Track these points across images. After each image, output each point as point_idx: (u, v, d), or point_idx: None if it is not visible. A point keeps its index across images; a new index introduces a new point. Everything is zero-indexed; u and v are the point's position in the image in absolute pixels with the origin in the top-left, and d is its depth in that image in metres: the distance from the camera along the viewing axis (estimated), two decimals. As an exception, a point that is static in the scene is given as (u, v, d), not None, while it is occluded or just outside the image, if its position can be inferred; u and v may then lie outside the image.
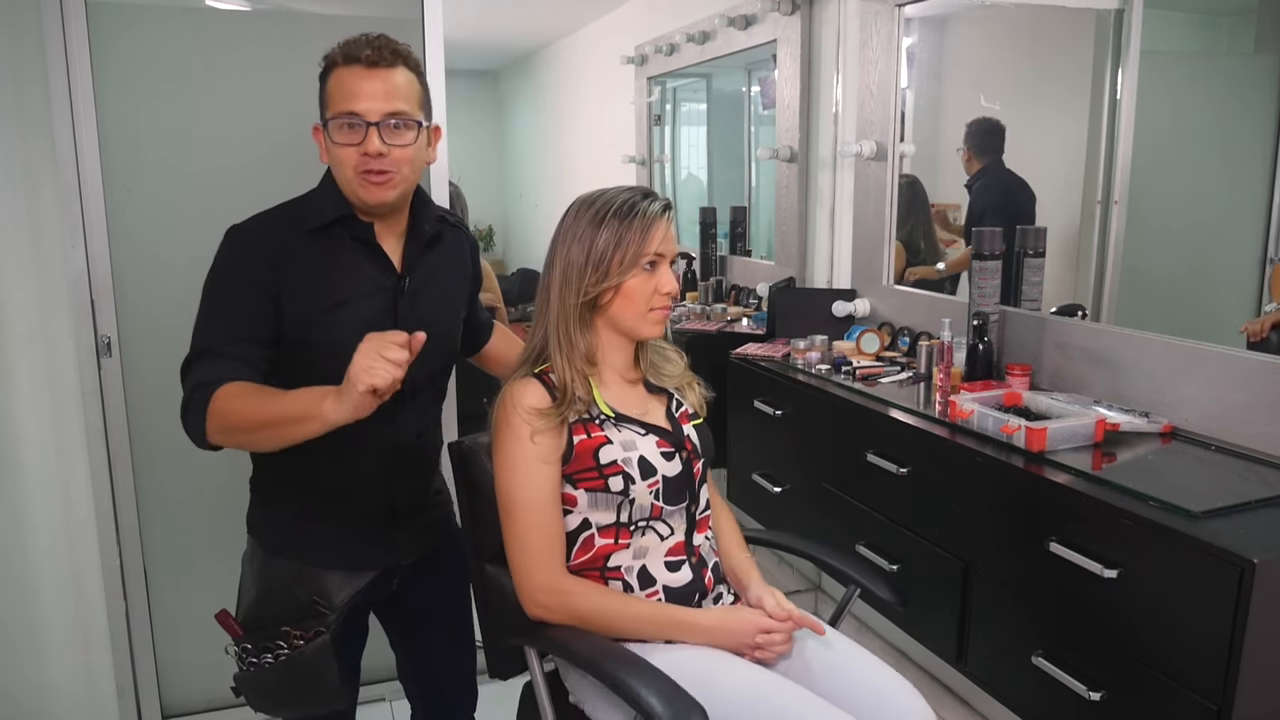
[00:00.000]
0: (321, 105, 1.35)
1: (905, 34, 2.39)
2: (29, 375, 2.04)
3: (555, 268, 1.35)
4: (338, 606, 1.41)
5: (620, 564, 1.36)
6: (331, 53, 1.33)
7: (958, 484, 1.69)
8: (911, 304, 2.40)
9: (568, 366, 1.33)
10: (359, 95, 1.30)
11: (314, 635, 1.39)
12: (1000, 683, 1.66)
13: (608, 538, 1.36)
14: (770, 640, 1.32)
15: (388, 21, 2.07)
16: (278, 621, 1.40)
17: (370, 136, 1.30)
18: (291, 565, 1.42)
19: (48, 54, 1.90)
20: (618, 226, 1.32)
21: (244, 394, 1.25)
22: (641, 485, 1.33)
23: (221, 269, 1.34)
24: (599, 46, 4.71)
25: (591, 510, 1.35)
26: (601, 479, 1.33)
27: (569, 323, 1.34)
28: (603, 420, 1.36)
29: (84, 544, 2.12)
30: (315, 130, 1.37)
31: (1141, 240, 1.94)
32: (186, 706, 2.23)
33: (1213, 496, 1.35)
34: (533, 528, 1.31)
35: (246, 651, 1.41)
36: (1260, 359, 1.56)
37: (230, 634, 1.43)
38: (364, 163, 1.31)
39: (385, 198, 1.34)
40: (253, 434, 1.26)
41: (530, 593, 1.33)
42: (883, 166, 2.46)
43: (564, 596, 1.32)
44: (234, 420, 1.24)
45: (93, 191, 1.97)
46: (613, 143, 4.36)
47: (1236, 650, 1.20)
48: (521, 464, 1.31)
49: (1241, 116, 1.84)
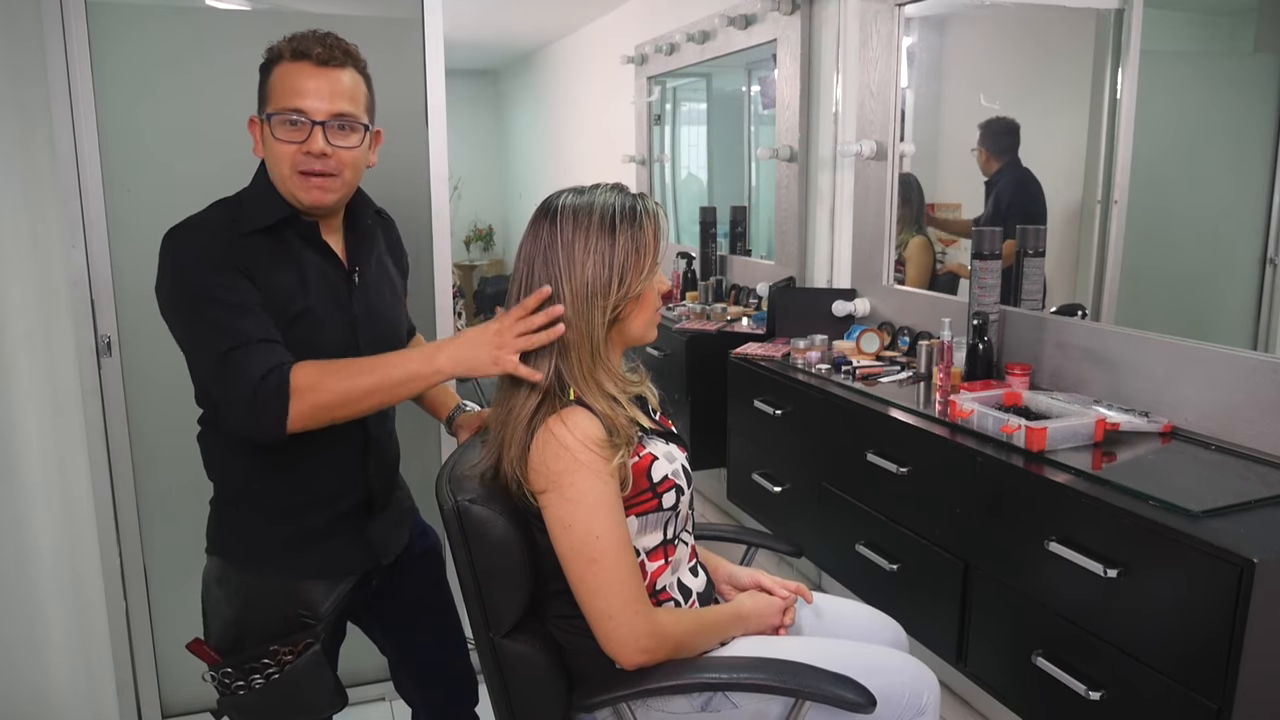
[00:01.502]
0: (262, 99, 1.30)
1: (905, 33, 2.39)
2: (29, 375, 2.04)
3: (565, 288, 1.21)
4: (324, 616, 1.38)
5: (665, 584, 1.30)
6: (278, 46, 1.29)
7: (957, 483, 1.69)
8: (911, 303, 2.40)
9: (599, 387, 1.23)
10: (305, 93, 1.26)
11: (304, 648, 1.35)
12: (1000, 682, 1.66)
13: (656, 560, 1.28)
14: (789, 617, 1.40)
15: (388, 21, 2.07)
16: (261, 640, 1.35)
17: (314, 136, 1.26)
18: (271, 581, 1.37)
19: (48, 54, 1.90)
20: (631, 233, 1.22)
21: (327, 369, 1.23)
22: (687, 496, 1.29)
23: (200, 272, 1.25)
24: (599, 46, 4.71)
25: (640, 536, 1.26)
26: (656, 498, 1.25)
27: (596, 345, 1.22)
28: (640, 436, 1.26)
29: (84, 543, 2.12)
30: (251, 122, 1.33)
31: (1141, 240, 1.94)
32: (187, 706, 2.23)
33: (1212, 496, 1.35)
34: (627, 571, 1.19)
35: (229, 676, 1.35)
36: (1261, 358, 1.56)
37: (206, 661, 1.37)
38: (305, 162, 1.27)
39: (323, 200, 1.31)
40: (358, 402, 1.24)
41: (633, 641, 1.19)
42: (883, 166, 2.46)
43: (663, 631, 1.22)
44: (334, 393, 1.21)
45: (93, 191, 1.97)
46: (613, 142, 4.36)
47: (1236, 650, 1.20)
48: (605, 504, 1.18)
49: (1242, 116, 1.84)
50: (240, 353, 1.21)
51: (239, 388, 1.20)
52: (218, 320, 1.23)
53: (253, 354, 1.22)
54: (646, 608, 1.21)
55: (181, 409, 2.13)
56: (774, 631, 1.38)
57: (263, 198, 1.32)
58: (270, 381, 1.20)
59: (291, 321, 1.30)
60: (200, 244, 1.27)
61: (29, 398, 2.04)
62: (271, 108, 1.28)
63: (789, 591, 1.43)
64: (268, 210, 1.31)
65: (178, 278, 1.27)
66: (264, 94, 1.30)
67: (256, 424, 1.21)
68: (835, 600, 1.53)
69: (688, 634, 1.25)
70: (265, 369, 1.21)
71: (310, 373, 1.22)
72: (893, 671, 1.32)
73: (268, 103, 1.29)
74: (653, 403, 1.39)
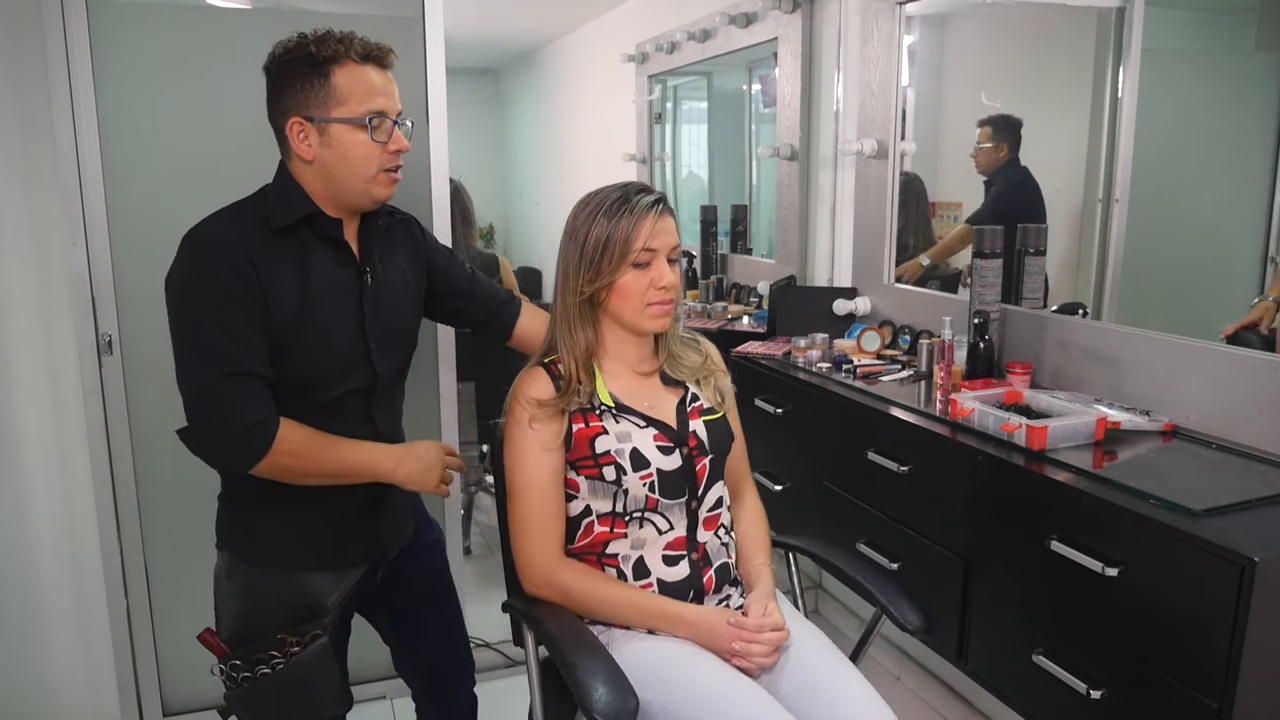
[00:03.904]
0: (315, 101, 1.28)
1: (906, 32, 2.39)
2: (30, 373, 2.04)
3: (558, 266, 1.39)
4: (331, 608, 1.41)
5: (618, 552, 1.39)
6: (331, 47, 1.27)
7: (958, 482, 1.69)
8: (912, 302, 2.40)
9: (571, 359, 1.38)
10: (383, 92, 1.31)
11: (311, 639, 1.37)
12: (1001, 681, 1.66)
13: (605, 525, 1.39)
14: (746, 650, 1.30)
15: (389, 20, 2.07)
16: (270, 632, 1.37)
17: (398, 134, 1.33)
18: (278, 573, 1.39)
19: (49, 52, 1.90)
20: (606, 224, 1.33)
21: (307, 439, 1.31)
22: (633, 477, 1.35)
23: (212, 289, 1.25)
24: (600, 44, 4.70)
25: (591, 497, 1.39)
26: (597, 468, 1.36)
27: (571, 318, 1.38)
28: (602, 411, 1.38)
29: (85, 541, 2.12)
30: (295, 124, 1.30)
31: (1142, 238, 1.94)
32: (188, 704, 2.24)
33: (1213, 495, 1.35)
34: (530, 510, 1.36)
35: (236, 669, 1.37)
36: (1262, 357, 1.56)
37: (215, 654, 1.39)
38: (392, 160, 1.33)
39: (392, 194, 1.38)
40: (313, 477, 1.34)
41: (526, 571, 1.38)
42: (884, 165, 2.46)
43: (555, 576, 1.36)
44: (302, 466, 1.31)
45: (94, 190, 1.97)
46: (613, 141, 4.35)
47: (1237, 648, 1.20)
48: (521, 450, 1.36)
49: (1243, 115, 1.84)
50: (234, 384, 1.25)
51: (227, 422, 1.26)
52: (220, 342, 1.25)
53: (248, 392, 1.26)
54: (545, 548, 1.36)
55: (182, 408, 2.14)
56: (731, 658, 1.31)
57: (288, 195, 1.33)
58: (258, 432, 1.26)
59: (302, 316, 1.31)
60: (218, 254, 1.26)
61: (30, 396, 2.05)
62: (343, 111, 1.28)
63: (762, 635, 1.30)
64: (294, 207, 1.32)
65: (189, 283, 1.27)
66: (319, 95, 1.28)
67: (227, 458, 1.31)
68: (834, 673, 1.32)
69: (581, 592, 1.35)
70: (259, 415, 1.26)
71: (296, 439, 1.30)
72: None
73: (335, 104, 1.28)
74: (706, 396, 1.45)
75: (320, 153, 1.30)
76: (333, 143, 1.30)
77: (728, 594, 1.43)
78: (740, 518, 1.53)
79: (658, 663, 1.29)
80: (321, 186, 1.33)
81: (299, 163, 1.32)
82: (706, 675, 1.27)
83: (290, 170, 1.34)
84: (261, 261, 1.27)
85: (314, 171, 1.32)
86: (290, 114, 1.29)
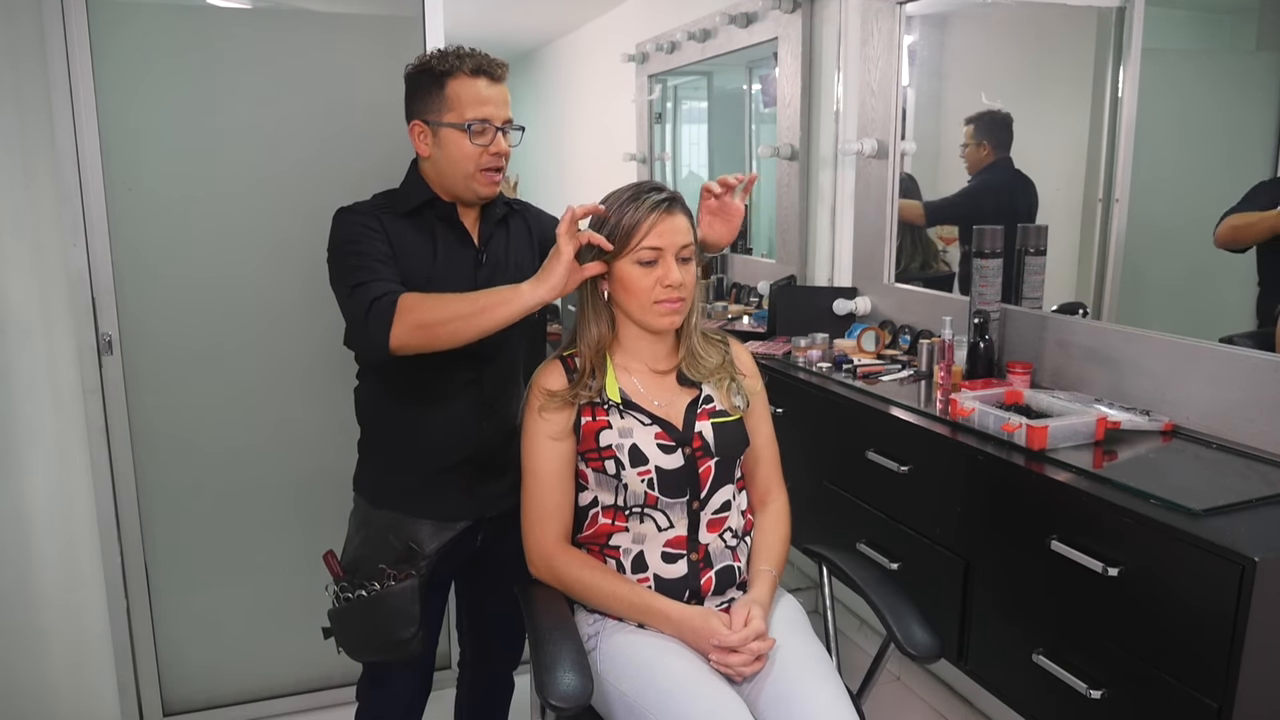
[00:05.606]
0: (433, 107, 1.50)
1: (906, 32, 2.39)
2: (30, 373, 2.04)
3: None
4: (429, 554, 1.57)
5: (620, 544, 1.42)
6: (449, 62, 1.50)
7: (958, 482, 1.69)
8: (912, 302, 2.40)
9: (586, 352, 1.43)
10: (489, 102, 1.51)
11: (405, 576, 1.55)
12: (1001, 681, 1.66)
13: (608, 518, 1.43)
14: (723, 657, 1.30)
15: (389, 20, 2.07)
16: (375, 564, 1.57)
17: (499, 139, 1.52)
18: (389, 516, 1.59)
19: (48, 51, 1.90)
20: (615, 216, 1.38)
21: (430, 296, 1.42)
22: (631, 472, 1.38)
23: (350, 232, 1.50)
24: (600, 44, 4.70)
25: (598, 489, 1.43)
26: (600, 460, 1.40)
27: (585, 310, 1.44)
28: (610, 406, 1.41)
29: (85, 542, 2.12)
30: (415, 126, 1.54)
31: (1142, 238, 1.94)
32: (188, 704, 2.24)
33: (1214, 495, 1.35)
34: (537, 495, 1.43)
35: (344, 588, 1.59)
36: (1262, 357, 1.56)
37: (332, 574, 1.61)
38: (491, 161, 1.53)
39: (494, 192, 1.57)
40: (450, 324, 1.39)
41: (529, 555, 1.45)
42: (884, 164, 2.46)
43: (553, 561, 1.42)
44: (432, 314, 1.39)
45: (93, 190, 1.97)
46: (613, 140, 4.36)
47: (1237, 648, 1.20)
48: (530, 437, 1.43)
49: (1243, 114, 1.83)
50: (365, 286, 1.43)
51: (358, 308, 1.42)
52: (356, 263, 1.47)
53: (374, 286, 1.43)
54: (546, 533, 1.42)
55: (182, 407, 2.15)
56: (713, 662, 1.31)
57: (413, 185, 1.58)
58: (382, 302, 1.40)
59: (429, 275, 1.51)
60: (358, 214, 1.54)
61: (30, 396, 2.05)
62: (454, 116, 1.50)
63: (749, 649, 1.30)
64: (415, 195, 1.57)
65: (337, 238, 1.52)
66: (436, 103, 1.51)
67: (367, 336, 1.41)
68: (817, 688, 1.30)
69: (577, 581, 1.40)
70: (381, 293, 1.41)
71: (415, 297, 1.42)
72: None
73: (447, 110, 1.50)
74: (719, 398, 1.45)
75: (433, 151, 1.54)
76: (442, 143, 1.52)
77: (731, 598, 1.43)
78: (759, 523, 1.53)
79: (638, 655, 1.33)
80: (436, 179, 1.56)
81: (421, 158, 1.57)
82: (681, 672, 1.29)
83: (417, 165, 1.59)
84: (391, 229, 1.52)
85: (430, 166, 1.56)
86: (413, 117, 1.54)
